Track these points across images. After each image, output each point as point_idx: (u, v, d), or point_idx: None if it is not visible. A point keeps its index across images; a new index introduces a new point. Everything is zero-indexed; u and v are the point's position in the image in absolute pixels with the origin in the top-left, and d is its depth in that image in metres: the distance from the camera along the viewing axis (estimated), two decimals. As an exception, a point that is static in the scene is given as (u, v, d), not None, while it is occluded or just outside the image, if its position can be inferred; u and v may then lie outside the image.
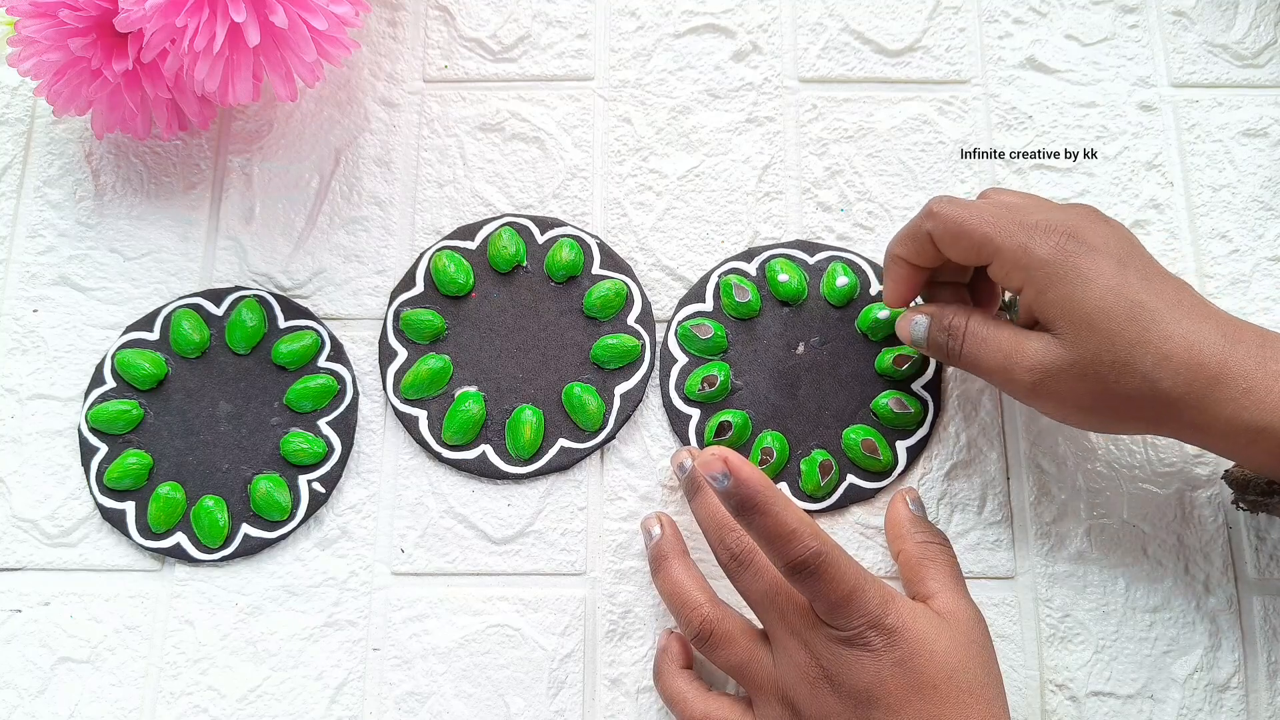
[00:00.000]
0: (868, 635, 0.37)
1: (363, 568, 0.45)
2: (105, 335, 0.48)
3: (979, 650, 0.38)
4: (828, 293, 0.48)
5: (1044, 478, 0.46)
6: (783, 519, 0.36)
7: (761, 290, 0.48)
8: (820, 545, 0.36)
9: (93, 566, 0.45)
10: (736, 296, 0.47)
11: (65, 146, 0.51)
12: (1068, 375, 0.38)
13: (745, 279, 0.48)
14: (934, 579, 0.41)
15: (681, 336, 0.47)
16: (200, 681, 0.43)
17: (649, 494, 0.46)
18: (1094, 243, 0.38)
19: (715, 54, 0.52)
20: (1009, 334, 0.40)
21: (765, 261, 0.48)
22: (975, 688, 0.37)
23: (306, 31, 0.44)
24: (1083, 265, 0.38)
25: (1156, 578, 0.44)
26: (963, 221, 0.40)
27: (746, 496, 0.36)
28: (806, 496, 0.45)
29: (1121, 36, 0.52)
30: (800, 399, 0.46)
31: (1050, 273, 0.38)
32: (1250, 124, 0.51)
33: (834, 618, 0.37)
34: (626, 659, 0.44)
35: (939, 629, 0.38)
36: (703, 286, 0.48)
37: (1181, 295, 0.38)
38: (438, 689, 0.43)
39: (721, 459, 0.37)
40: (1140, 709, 0.43)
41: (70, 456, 0.46)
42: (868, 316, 0.47)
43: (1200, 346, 0.37)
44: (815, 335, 0.47)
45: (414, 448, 0.47)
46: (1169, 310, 0.37)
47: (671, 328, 0.48)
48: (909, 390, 0.46)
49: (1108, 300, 0.37)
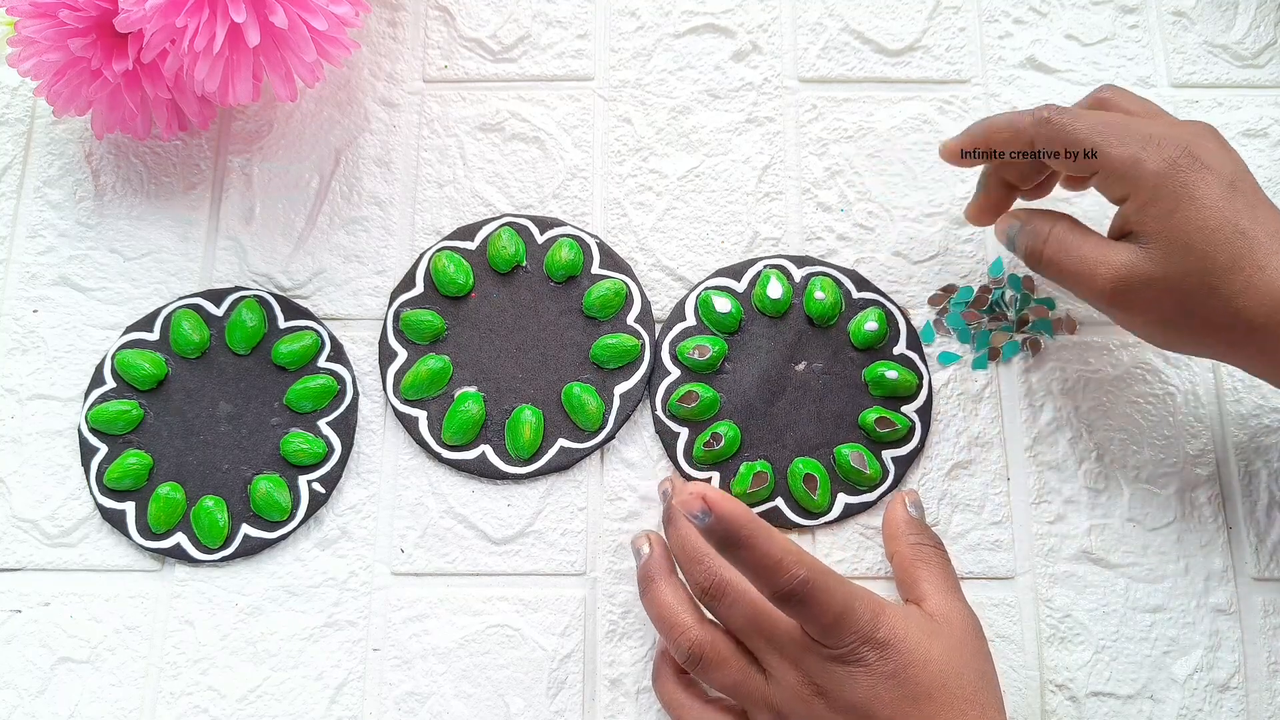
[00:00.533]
0: (861, 651, 0.37)
1: (363, 568, 0.45)
2: (105, 335, 0.48)
3: (973, 653, 0.38)
4: (811, 310, 0.48)
5: (1044, 478, 0.46)
6: (767, 550, 0.36)
7: (745, 304, 0.48)
8: (807, 572, 0.36)
9: (93, 567, 0.45)
10: (717, 308, 0.47)
11: (65, 146, 0.51)
12: (1152, 289, 0.38)
13: (726, 292, 0.48)
14: (926, 581, 0.41)
15: (680, 355, 0.47)
16: (200, 681, 0.43)
17: (649, 494, 0.46)
18: (1209, 161, 0.38)
19: (715, 54, 0.52)
20: (1094, 242, 0.40)
21: (756, 275, 0.48)
22: (970, 693, 0.37)
23: (306, 32, 0.44)
24: (1193, 183, 0.38)
25: (1156, 578, 0.44)
26: (1072, 127, 0.40)
27: (729, 531, 0.36)
28: (806, 513, 0.45)
29: (1121, 37, 0.52)
30: (792, 416, 0.46)
31: (1159, 186, 0.38)
32: (1250, 124, 0.50)
33: (826, 638, 0.37)
34: (626, 659, 0.44)
35: (932, 635, 0.38)
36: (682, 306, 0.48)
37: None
38: (438, 689, 0.43)
39: (700, 496, 0.36)
40: (1140, 709, 0.43)
41: (70, 456, 0.46)
42: (859, 331, 0.47)
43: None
44: (818, 360, 0.47)
45: (414, 448, 0.46)
46: (1269, 240, 0.37)
47: (664, 348, 0.48)
48: (896, 410, 0.46)
49: (1211, 222, 0.37)
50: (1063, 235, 0.41)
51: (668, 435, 0.46)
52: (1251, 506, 0.45)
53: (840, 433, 0.46)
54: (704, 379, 0.47)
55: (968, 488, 0.46)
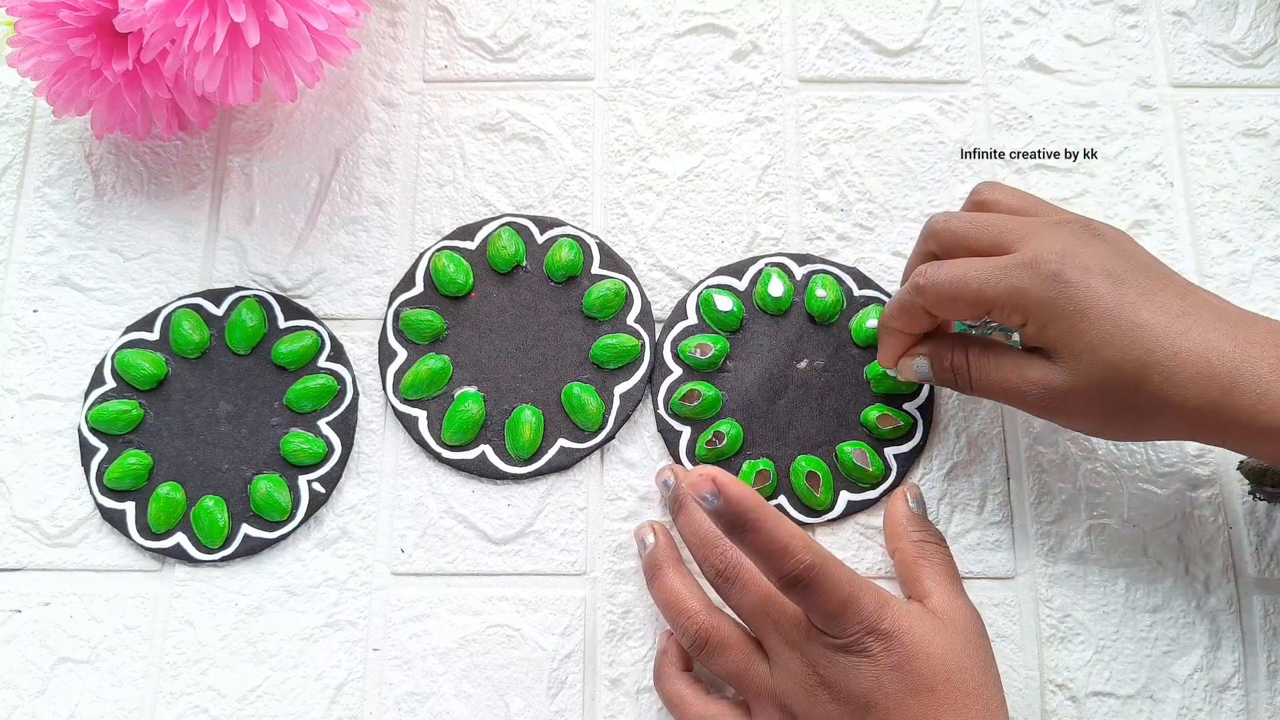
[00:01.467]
0: (865, 641, 0.37)
1: (363, 568, 0.45)
2: (105, 335, 0.48)
3: (975, 650, 0.38)
4: (811, 307, 0.48)
5: (1044, 478, 0.46)
6: (774, 534, 0.36)
7: (747, 303, 0.48)
8: (813, 558, 0.36)
9: (93, 567, 0.45)
10: (718, 306, 0.47)
11: (65, 147, 0.51)
12: (1079, 398, 0.38)
13: (728, 291, 0.48)
14: (929, 578, 0.41)
15: (682, 353, 0.47)
16: (200, 682, 0.43)
17: (649, 494, 0.46)
18: (1087, 265, 0.38)
19: (715, 54, 0.52)
20: (1010, 361, 0.40)
21: (757, 273, 0.48)
22: (972, 688, 0.37)
23: (306, 32, 0.44)
24: (1078, 297, 0.37)
25: (1156, 578, 0.44)
26: (950, 286, 0.40)
27: (737, 514, 0.36)
28: (807, 510, 0.45)
29: (1121, 36, 0.52)
30: (793, 414, 0.46)
31: (1047, 311, 0.38)
32: (1250, 124, 0.50)
33: (830, 626, 0.37)
34: (626, 659, 0.44)
35: (935, 630, 0.38)
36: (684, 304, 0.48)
37: (1186, 303, 0.38)
38: (438, 689, 0.43)
39: (710, 478, 0.36)
40: (1140, 709, 0.43)
41: (70, 456, 0.46)
42: (861, 328, 0.47)
43: (1210, 357, 0.36)
44: (820, 358, 0.47)
45: (414, 447, 0.46)
46: (1173, 324, 0.37)
47: (666, 346, 0.48)
48: (898, 407, 0.46)
49: (1110, 328, 0.37)
50: (980, 361, 0.41)
51: (670, 434, 0.46)
52: (1251, 506, 0.45)
53: (842, 431, 0.46)
54: (706, 377, 0.47)
55: (968, 488, 0.46)
